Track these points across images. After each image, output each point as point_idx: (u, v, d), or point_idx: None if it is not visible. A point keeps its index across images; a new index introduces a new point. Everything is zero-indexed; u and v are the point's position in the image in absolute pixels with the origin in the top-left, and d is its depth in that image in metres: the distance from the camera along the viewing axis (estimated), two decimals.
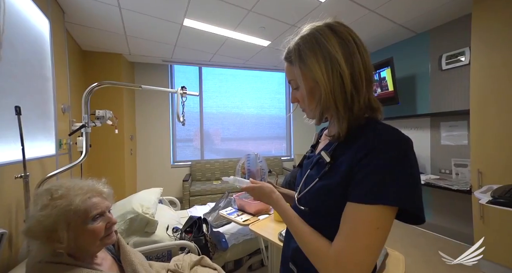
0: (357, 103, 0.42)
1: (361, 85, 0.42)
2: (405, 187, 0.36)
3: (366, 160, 0.38)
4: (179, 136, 3.50)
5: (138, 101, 3.24)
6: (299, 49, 0.44)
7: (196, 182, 3.28)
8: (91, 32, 2.16)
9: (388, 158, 0.37)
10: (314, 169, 0.49)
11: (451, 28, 2.12)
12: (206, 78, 3.58)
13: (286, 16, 2.00)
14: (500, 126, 1.55)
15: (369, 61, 0.44)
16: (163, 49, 2.69)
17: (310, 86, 0.45)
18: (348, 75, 0.41)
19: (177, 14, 1.92)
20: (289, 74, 0.49)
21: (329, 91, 0.42)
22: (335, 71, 0.41)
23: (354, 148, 0.40)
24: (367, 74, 0.43)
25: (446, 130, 2.22)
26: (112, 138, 2.62)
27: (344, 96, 0.42)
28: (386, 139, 0.39)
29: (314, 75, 0.43)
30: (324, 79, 0.42)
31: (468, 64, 1.94)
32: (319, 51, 0.42)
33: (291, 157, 4.11)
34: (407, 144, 0.38)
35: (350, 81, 0.41)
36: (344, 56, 0.41)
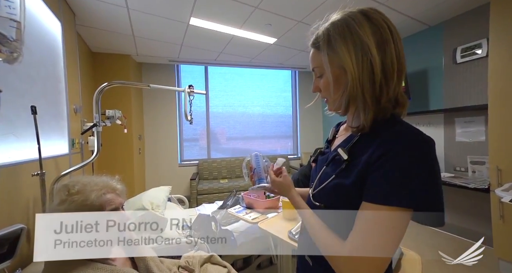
0: (385, 94, 0.40)
1: (391, 76, 0.40)
2: (422, 190, 0.35)
3: (383, 160, 0.37)
4: (186, 136, 3.53)
5: (146, 101, 3.29)
6: (328, 34, 0.43)
7: (203, 181, 3.30)
8: (100, 34, 2.21)
9: (405, 160, 0.36)
10: (329, 166, 0.48)
11: (467, 19, 2.03)
12: (212, 77, 3.59)
13: (293, 12, 1.97)
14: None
15: (403, 51, 0.41)
16: (170, 49, 2.71)
17: (336, 74, 0.43)
18: (379, 64, 0.39)
19: (183, 13, 1.93)
20: (314, 61, 0.47)
21: (357, 79, 0.40)
22: (365, 58, 0.39)
23: (373, 146, 0.39)
24: (399, 64, 0.41)
25: (461, 126, 2.13)
26: (121, 137, 2.67)
27: (372, 85, 0.40)
28: (406, 139, 0.37)
29: (343, 61, 0.41)
30: (353, 66, 0.40)
31: (486, 56, 1.85)
32: (350, 36, 0.40)
33: (298, 155, 4.07)
34: (428, 146, 0.37)
35: (380, 70, 0.39)
36: (377, 43, 0.39)
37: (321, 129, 4.17)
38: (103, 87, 1.21)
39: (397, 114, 0.44)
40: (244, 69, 3.66)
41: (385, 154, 0.37)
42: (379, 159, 0.37)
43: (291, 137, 4.10)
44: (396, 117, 0.43)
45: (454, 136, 2.16)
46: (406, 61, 0.43)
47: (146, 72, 3.25)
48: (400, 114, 0.44)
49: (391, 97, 0.41)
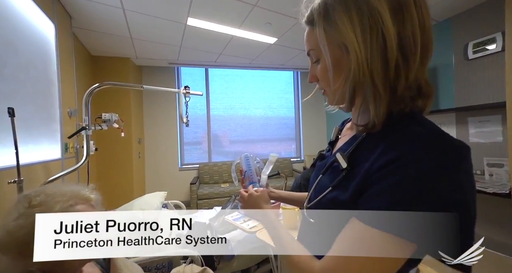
0: (403, 79, 0.30)
1: (412, 53, 0.30)
2: (426, 217, 0.26)
3: (386, 171, 0.28)
4: (187, 139, 3.48)
5: (146, 105, 3.26)
6: (325, 4, 0.33)
7: (204, 185, 3.22)
8: (98, 37, 2.19)
9: (418, 173, 0.26)
10: (326, 174, 0.39)
11: (479, 13, 1.92)
12: (212, 80, 3.54)
13: (293, 10, 1.90)
14: None
15: (429, 20, 0.31)
16: (169, 51, 2.68)
17: (336, 55, 0.33)
18: (395, 37, 0.29)
19: (180, 13, 1.88)
20: (309, 42, 0.38)
21: (364, 59, 0.30)
22: (374, 30, 0.29)
23: (378, 152, 0.30)
24: (424, 38, 0.30)
25: (475, 126, 1.99)
26: (120, 141, 2.63)
27: (385, 66, 0.30)
28: (424, 144, 0.28)
29: (344, 37, 0.31)
30: (358, 41, 0.30)
31: (501, 51, 1.73)
32: (354, 2, 0.30)
33: (301, 158, 3.95)
34: (458, 156, 0.27)
35: (396, 46, 0.29)
36: (391, 9, 0.29)
37: (325, 130, 4.05)
38: (92, 88, 1.16)
39: (418, 109, 0.33)
40: (244, 70, 3.61)
41: (390, 164, 0.28)
42: (381, 169, 0.28)
43: (294, 139, 4.00)
44: (415, 113, 0.33)
45: (468, 136, 2.02)
46: None
47: (146, 75, 3.23)
48: (422, 108, 0.33)
49: (412, 83, 0.31)
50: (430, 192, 0.26)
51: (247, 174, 0.59)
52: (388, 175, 0.27)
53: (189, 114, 1.66)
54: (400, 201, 0.26)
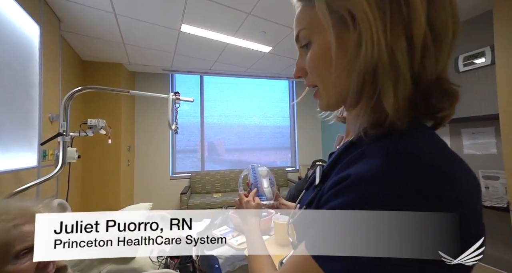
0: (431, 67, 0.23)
1: (446, 34, 0.23)
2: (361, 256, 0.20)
3: (333, 191, 0.23)
4: (179, 147, 3.38)
5: (138, 111, 3.18)
6: None
7: (195, 195, 3.10)
8: (89, 42, 2.14)
9: (365, 198, 0.20)
10: (309, 191, 0.34)
11: (468, 27, 1.97)
12: (207, 87, 3.51)
13: (287, 19, 1.91)
14: None
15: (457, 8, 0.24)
16: (163, 57, 2.65)
17: (340, 34, 0.25)
18: (422, 2, 0.22)
19: (173, 19, 1.87)
20: (299, 22, 0.30)
21: (380, 30, 0.22)
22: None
23: (338, 167, 0.26)
24: (455, 24, 0.24)
25: (469, 138, 1.99)
26: (108, 149, 2.52)
27: (409, 43, 0.22)
28: (386, 162, 0.21)
29: (351, 6, 0.23)
30: (371, 8, 0.22)
31: (490, 64, 1.75)
32: None
33: (296, 168, 3.88)
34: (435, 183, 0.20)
35: (424, 14, 0.22)
36: None
37: (320, 140, 4.02)
38: (73, 92, 1.08)
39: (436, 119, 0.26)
40: (240, 78, 3.61)
41: (339, 183, 0.23)
42: (330, 189, 0.24)
43: (289, 148, 3.95)
44: (421, 123, 0.25)
45: (462, 148, 2.01)
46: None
47: (139, 81, 3.17)
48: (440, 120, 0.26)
49: (441, 73, 0.23)
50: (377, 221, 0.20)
51: (254, 187, 0.56)
52: (334, 196, 0.23)
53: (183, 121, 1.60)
54: (332, 228, 0.22)
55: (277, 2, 1.66)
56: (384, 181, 0.20)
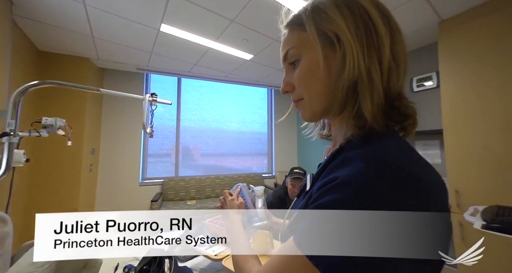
0: (394, 84, 0.29)
1: (402, 62, 0.30)
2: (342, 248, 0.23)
3: (319, 193, 0.27)
4: (152, 151, 3.17)
5: (105, 111, 2.91)
6: (313, 2, 0.32)
7: (168, 203, 2.91)
8: (49, 30, 1.91)
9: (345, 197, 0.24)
10: (301, 197, 0.37)
11: (420, 54, 2.29)
12: (185, 90, 3.40)
13: (270, 30, 1.98)
14: (475, 146, 1.59)
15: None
16: (138, 55, 2.50)
17: (326, 52, 0.30)
18: (387, 38, 0.29)
19: (153, 18, 1.79)
20: (287, 43, 0.35)
21: (359, 53, 0.28)
22: (366, 26, 0.29)
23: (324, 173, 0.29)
24: (405, 56, 0.31)
25: (421, 149, 2.27)
26: (67, 151, 2.24)
27: (379, 65, 0.28)
28: (363, 166, 0.25)
29: (335, 25, 0.29)
30: (350, 32, 0.28)
31: (436, 87, 2.06)
32: (342, 1, 0.30)
33: (273, 174, 3.94)
34: (402, 185, 0.24)
35: (388, 46, 0.29)
36: (380, 14, 0.30)
37: (295, 148, 4.17)
38: (27, 86, 0.95)
39: (403, 127, 0.31)
40: (220, 83, 3.58)
41: (325, 184, 0.26)
42: (318, 190, 0.27)
43: (266, 155, 4.00)
44: (392, 130, 0.31)
45: None
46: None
47: (109, 79, 2.93)
48: (406, 128, 0.31)
49: (395, 95, 0.30)
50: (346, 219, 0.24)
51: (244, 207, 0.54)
52: (319, 196, 0.26)
53: (157, 124, 1.51)
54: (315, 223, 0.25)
55: (261, 12, 1.72)
56: (366, 182, 0.24)
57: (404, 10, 1.68)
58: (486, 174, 1.52)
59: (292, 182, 1.54)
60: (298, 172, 1.54)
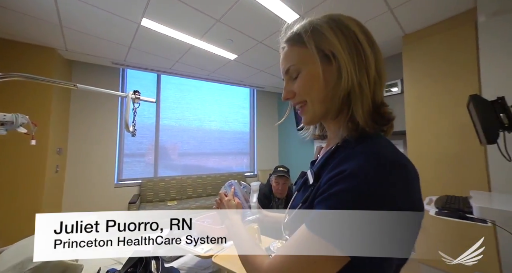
0: (378, 92, 0.36)
1: (383, 77, 0.37)
2: (360, 233, 0.29)
3: (330, 183, 0.32)
4: (128, 150, 2.99)
5: (74, 108, 2.67)
6: (311, 23, 0.38)
7: (147, 204, 2.79)
8: (5, 14, 1.69)
9: (355, 185, 0.29)
10: (301, 191, 0.43)
11: (387, 62, 2.55)
12: (165, 87, 3.28)
13: (255, 32, 2.03)
14: (431, 145, 1.85)
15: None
16: (114, 49, 2.35)
17: (324, 66, 0.36)
18: (371, 55, 0.35)
19: (133, 11, 1.70)
20: (288, 59, 0.40)
21: (352, 69, 0.34)
22: (356, 47, 0.35)
23: (330, 167, 0.34)
24: (385, 72, 0.38)
25: None
26: (28, 151, 2.03)
27: (366, 78, 0.35)
28: (366, 159, 0.31)
29: (332, 45, 0.35)
30: (346, 53, 0.35)
31: (401, 92, 2.32)
32: (335, 24, 0.37)
33: (255, 173, 4.01)
34: (395, 173, 0.30)
35: (374, 65, 0.35)
36: (364, 35, 0.36)
37: (276, 147, 4.30)
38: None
39: (384, 131, 0.38)
40: (202, 82, 3.52)
41: (335, 176, 0.31)
42: (327, 181, 0.32)
43: (248, 154, 4.05)
44: (378, 131, 0.37)
45: None
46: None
47: (78, 72, 2.68)
48: (386, 131, 0.39)
49: (379, 103, 0.37)
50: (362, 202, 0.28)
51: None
52: (331, 186, 0.31)
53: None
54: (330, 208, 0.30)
55: (247, 14, 1.76)
56: (370, 172, 0.30)
57: (375, 23, 1.87)
58: (440, 169, 1.78)
59: (277, 180, 1.61)
60: (282, 170, 1.62)
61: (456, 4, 1.65)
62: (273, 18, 1.79)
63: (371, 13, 1.74)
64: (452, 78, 1.77)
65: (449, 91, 1.78)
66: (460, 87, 1.71)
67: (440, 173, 1.78)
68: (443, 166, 1.78)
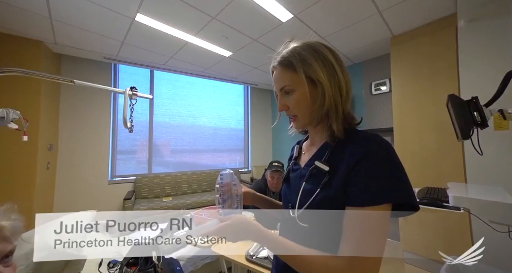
0: (347, 107, 0.49)
1: (349, 92, 0.49)
2: (400, 182, 0.40)
3: (361, 165, 0.40)
4: (122, 147, 2.97)
5: (65, 103, 2.61)
6: (300, 53, 0.47)
7: (142, 200, 2.79)
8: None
9: (381, 159, 0.40)
10: (310, 182, 0.48)
11: (377, 62, 2.67)
12: (158, 83, 3.25)
13: (250, 30, 2.06)
14: (414, 142, 1.98)
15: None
16: (106, 44, 2.31)
17: (311, 89, 0.47)
18: (343, 79, 0.48)
19: (127, 5, 1.69)
20: (283, 80, 0.49)
21: (331, 93, 0.46)
22: (333, 74, 0.47)
23: (347, 153, 0.43)
24: (349, 87, 0.49)
25: None
26: (19, 147, 1.99)
27: (340, 98, 0.47)
28: (377, 142, 0.43)
29: (318, 74, 0.46)
30: (327, 80, 0.46)
31: (389, 91, 2.44)
32: (318, 56, 0.47)
33: (249, 169, 4.08)
34: (391, 147, 0.43)
35: (344, 85, 0.47)
36: (337, 63, 0.48)
37: (270, 144, 4.37)
38: None
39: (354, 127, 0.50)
40: (196, 78, 3.51)
41: (362, 158, 0.40)
42: (359, 162, 0.40)
43: (242, 150, 4.11)
44: (355, 128, 0.49)
45: None
46: None
47: (68, 67, 2.61)
48: (355, 127, 0.50)
49: (349, 110, 0.49)
50: (393, 167, 0.41)
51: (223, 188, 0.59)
52: (363, 167, 0.40)
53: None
54: (381, 180, 0.39)
55: (243, 12, 1.79)
56: (381, 150, 0.41)
57: (365, 24, 1.95)
58: (421, 164, 1.91)
59: (272, 174, 1.68)
60: (277, 165, 1.69)
61: (439, 9, 1.76)
62: (268, 17, 1.83)
63: (362, 14, 1.82)
64: (435, 78, 1.89)
65: (432, 90, 1.90)
66: (441, 87, 1.83)
67: (422, 167, 1.91)
68: (425, 161, 1.91)
